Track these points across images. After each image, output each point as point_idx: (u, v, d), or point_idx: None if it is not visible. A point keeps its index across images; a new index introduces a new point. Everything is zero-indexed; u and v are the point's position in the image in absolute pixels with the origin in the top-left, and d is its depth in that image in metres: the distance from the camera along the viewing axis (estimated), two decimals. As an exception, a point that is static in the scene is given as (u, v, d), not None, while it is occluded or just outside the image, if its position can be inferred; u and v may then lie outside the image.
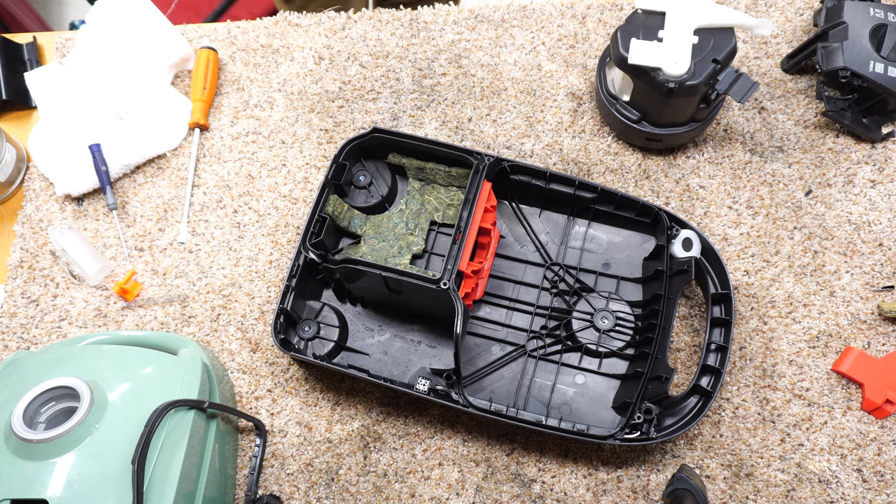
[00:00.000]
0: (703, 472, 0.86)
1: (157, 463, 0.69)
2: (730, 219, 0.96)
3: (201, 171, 1.04)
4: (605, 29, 1.06)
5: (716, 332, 0.84)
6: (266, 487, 0.88)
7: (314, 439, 0.90)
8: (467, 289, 0.85)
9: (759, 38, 1.04)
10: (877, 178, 0.96)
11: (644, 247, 0.93)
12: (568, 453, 0.88)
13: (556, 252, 0.94)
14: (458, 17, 1.09)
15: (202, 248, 0.99)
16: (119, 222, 1.01)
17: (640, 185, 0.98)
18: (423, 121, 1.04)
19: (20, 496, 0.64)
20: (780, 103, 1.01)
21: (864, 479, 0.84)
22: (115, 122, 1.03)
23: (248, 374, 0.93)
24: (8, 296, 0.98)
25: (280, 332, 0.86)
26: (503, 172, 0.90)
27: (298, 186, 1.02)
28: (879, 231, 0.93)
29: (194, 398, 0.76)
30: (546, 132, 1.02)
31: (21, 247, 1.01)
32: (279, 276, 0.97)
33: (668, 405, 0.82)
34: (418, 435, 0.89)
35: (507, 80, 1.05)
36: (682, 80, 0.85)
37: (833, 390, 0.88)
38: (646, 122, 0.94)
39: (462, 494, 0.86)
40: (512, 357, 0.90)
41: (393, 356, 0.90)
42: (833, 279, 0.92)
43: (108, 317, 0.96)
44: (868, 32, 0.92)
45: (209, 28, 1.12)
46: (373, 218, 0.93)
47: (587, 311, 0.90)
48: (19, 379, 0.75)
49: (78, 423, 0.67)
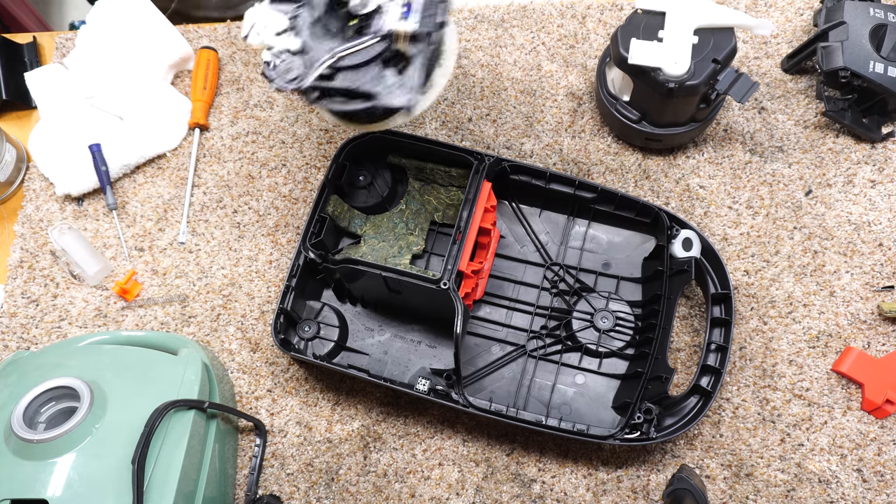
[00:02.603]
0: (703, 472, 0.86)
1: (157, 463, 0.69)
2: (730, 219, 0.96)
3: (201, 171, 1.04)
4: (605, 29, 1.06)
5: (716, 332, 0.84)
6: (266, 487, 0.88)
7: (314, 439, 0.90)
8: (467, 289, 0.85)
9: (759, 38, 1.04)
10: (877, 178, 0.96)
11: (644, 247, 0.93)
12: (568, 453, 0.88)
13: (556, 252, 0.94)
14: (458, 17, 1.09)
15: (202, 248, 0.99)
16: (119, 222, 1.01)
17: (640, 185, 0.98)
18: (423, 121, 1.04)
19: (20, 496, 0.64)
20: (780, 103, 1.01)
21: (864, 479, 0.84)
22: (115, 122, 1.03)
23: (248, 374, 0.93)
24: (8, 296, 0.98)
25: (280, 332, 0.86)
26: (503, 172, 0.90)
27: (298, 186, 1.02)
28: (879, 231, 0.93)
29: (194, 398, 0.76)
30: (546, 132, 1.02)
31: (21, 247, 1.01)
32: (279, 276, 0.97)
33: (668, 405, 0.82)
34: (418, 435, 0.89)
35: (507, 80, 1.05)
36: (682, 80, 0.85)
37: (833, 390, 0.88)
38: (646, 122, 0.94)
39: (462, 494, 0.87)
40: (512, 357, 0.90)
41: (393, 356, 0.91)
42: (833, 279, 0.92)
43: (108, 317, 0.96)
44: (868, 32, 0.92)
45: (209, 28, 1.12)
46: (373, 218, 0.93)
47: (587, 311, 0.90)
48: (19, 379, 0.75)
49: (78, 423, 0.67)
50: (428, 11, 0.67)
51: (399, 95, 0.69)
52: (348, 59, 0.68)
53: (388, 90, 0.69)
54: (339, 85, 0.69)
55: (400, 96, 0.69)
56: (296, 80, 0.69)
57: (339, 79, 0.69)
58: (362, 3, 0.68)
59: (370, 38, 0.67)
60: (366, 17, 0.68)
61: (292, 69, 0.69)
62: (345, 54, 0.68)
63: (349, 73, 0.69)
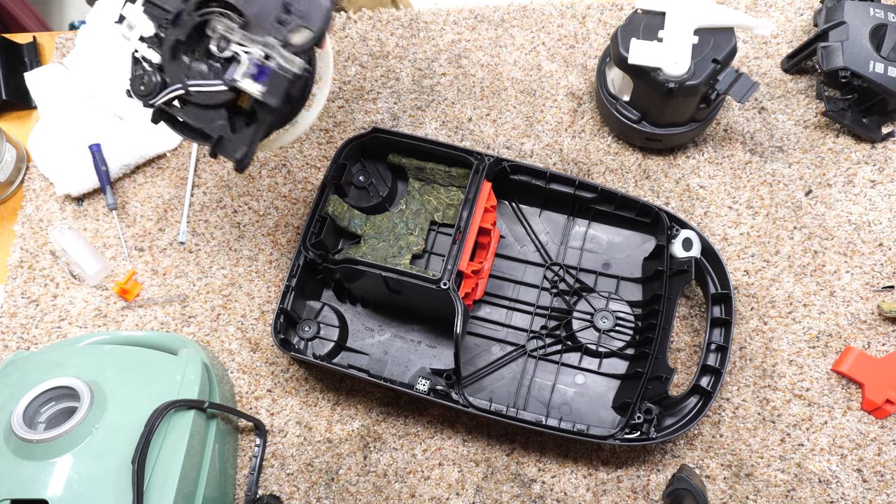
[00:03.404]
0: (703, 472, 0.86)
1: (157, 463, 0.69)
2: (730, 219, 0.96)
3: (201, 171, 1.04)
4: (605, 29, 1.06)
5: (716, 332, 0.84)
6: (266, 487, 0.88)
7: (314, 439, 0.90)
8: (467, 289, 0.85)
9: (759, 38, 1.04)
10: (877, 178, 0.96)
11: (644, 247, 0.93)
12: (568, 453, 0.88)
13: (556, 252, 0.94)
14: (458, 17, 1.09)
15: (202, 248, 0.99)
16: (119, 222, 1.01)
17: (640, 185, 0.98)
18: (423, 121, 1.04)
19: (20, 496, 0.64)
20: (780, 103, 1.01)
21: (864, 479, 0.84)
22: (115, 122, 1.03)
23: (248, 373, 0.93)
24: (8, 296, 0.98)
25: (280, 332, 0.86)
26: (503, 172, 0.90)
27: (298, 186, 1.02)
28: (879, 231, 0.93)
29: (194, 398, 0.76)
30: (546, 132, 1.02)
31: (21, 247, 1.01)
32: (279, 276, 0.97)
33: (668, 405, 0.82)
34: (418, 435, 0.89)
35: (507, 80, 1.05)
36: (682, 80, 0.85)
37: (833, 390, 0.88)
38: (646, 122, 0.94)
39: (462, 494, 0.86)
40: (512, 357, 0.90)
41: (393, 356, 0.91)
42: (833, 279, 0.92)
43: (108, 317, 0.96)
44: (868, 32, 0.92)
45: (209, 28, 1.12)
46: (373, 218, 0.93)
47: (587, 311, 0.90)
48: (19, 379, 0.75)
49: (78, 423, 0.67)
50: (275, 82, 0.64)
51: (232, 150, 0.67)
52: (197, 96, 0.67)
53: (226, 139, 0.67)
54: (183, 117, 0.68)
55: (233, 151, 0.67)
56: (146, 96, 0.67)
57: (185, 110, 0.68)
58: (220, 47, 0.66)
59: (219, 85, 0.65)
60: (223, 59, 0.66)
61: (146, 83, 0.67)
62: (194, 90, 0.66)
63: (195, 110, 0.68)
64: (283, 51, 0.64)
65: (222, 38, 0.65)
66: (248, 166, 0.69)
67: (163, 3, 0.67)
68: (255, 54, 0.64)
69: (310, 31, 0.65)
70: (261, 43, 0.64)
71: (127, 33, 0.68)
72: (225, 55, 0.66)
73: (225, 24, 0.66)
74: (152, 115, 0.69)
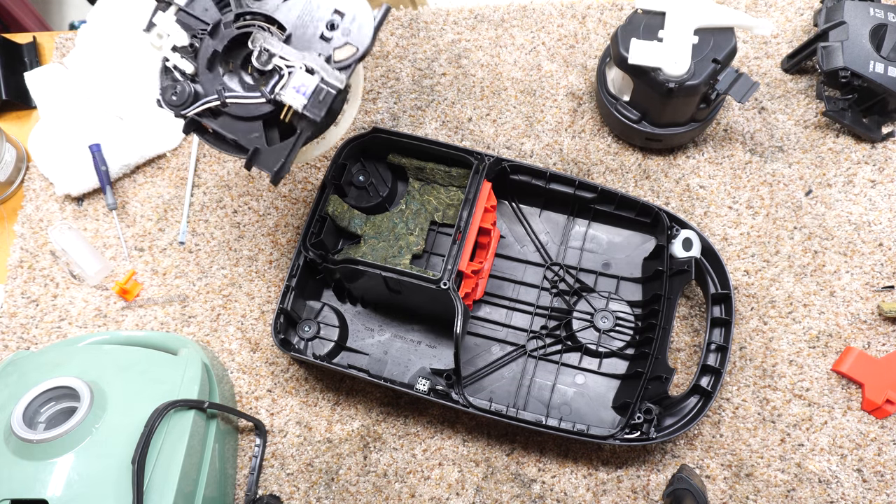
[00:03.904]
0: (703, 472, 0.86)
1: (157, 463, 0.69)
2: (730, 219, 0.96)
3: (201, 171, 1.04)
4: (605, 29, 1.06)
5: (716, 332, 0.84)
6: (266, 487, 0.88)
7: (314, 439, 0.90)
8: (467, 289, 0.85)
9: (759, 38, 1.04)
10: (877, 178, 0.96)
11: (644, 247, 0.93)
12: (568, 453, 0.88)
13: (556, 252, 0.94)
14: (458, 17, 1.09)
15: (202, 248, 0.99)
16: (119, 222, 1.01)
17: (640, 185, 0.98)
18: (423, 121, 1.04)
19: (20, 496, 0.64)
20: (780, 103, 1.01)
21: (864, 479, 0.84)
22: (115, 122, 1.03)
23: (248, 374, 0.93)
24: (8, 296, 0.98)
25: (280, 332, 0.86)
26: (503, 172, 0.90)
27: (298, 186, 1.02)
28: (879, 231, 0.93)
29: (194, 398, 0.76)
30: (546, 132, 1.02)
31: (21, 247, 1.01)
32: (279, 276, 0.97)
33: (668, 405, 0.82)
34: (418, 435, 0.89)
35: (507, 80, 1.05)
36: (682, 80, 0.85)
37: (833, 390, 0.88)
38: (646, 122, 0.94)
39: (462, 494, 0.86)
40: (512, 357, 0.90)
41: (393, 356, 0.91)
42: (833, 279, 0.92)
43: (108, 317, 0.96)
44: (868, 32, 0.92)
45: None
46: (373, 218, 0.93)
47: (587, 311, 0.90)
48: (19, 379, 0.75)
49: (78, 423, 0.67)
50: (319, 97, 0.64)
51: (268, 162, 0.67)
52: (234, 108, 0.66)
53: (262, 152, 0.67)
54: (217, 128, 0.68)
55: (269, 163, 0.67)
56: (178, 106, 0.67)
57: (219, 121, 0.67)
58: (264, 61, 0.65)
59: (259, 97, 0.65)
60: (264, 71, 0.66)
61: (178, 93, 0.67)
62: (231, 102, 0.66)
63: (230, 121, 0.67)
64: (328, 66, 0.64)
65: (264, 51, 0.65)
66: (283, 178, 0.69)
67: (200, 14, 0.67)
68: (300, 69, 0.64)
69: (354, 48, 0.65)
70: (304, 58, 0.64)
71: (157, 42, 0.68)
72: (267, 68, 0.66)
73: (266, 37, 0.66)
74: (184, 126, 0.69)
